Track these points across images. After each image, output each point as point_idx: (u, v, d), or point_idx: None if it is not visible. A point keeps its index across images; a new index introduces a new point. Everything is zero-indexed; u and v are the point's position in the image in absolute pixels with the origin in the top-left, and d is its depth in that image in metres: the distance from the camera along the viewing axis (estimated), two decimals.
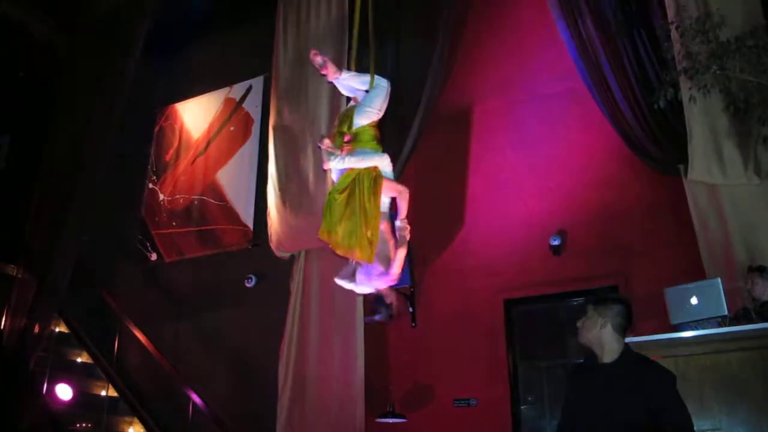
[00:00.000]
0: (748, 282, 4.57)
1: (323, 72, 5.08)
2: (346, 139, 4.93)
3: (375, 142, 4.95)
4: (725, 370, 3.94)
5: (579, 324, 3.30)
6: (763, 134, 4.77)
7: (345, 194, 4.70)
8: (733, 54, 4.73)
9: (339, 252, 4.76)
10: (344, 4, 7.45)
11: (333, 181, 5.10)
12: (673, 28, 5.24)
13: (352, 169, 4.76)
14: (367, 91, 5.09)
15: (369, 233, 4.58)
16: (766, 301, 4.37)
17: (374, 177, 4.71)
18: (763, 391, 3.80)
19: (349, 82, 5.17)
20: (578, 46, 6.19)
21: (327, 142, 4.90)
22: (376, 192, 4.67)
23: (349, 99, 5.44)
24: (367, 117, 4.95)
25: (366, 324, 6.59)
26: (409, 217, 6.71)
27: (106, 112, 7.93)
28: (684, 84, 5.07)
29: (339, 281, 4.92)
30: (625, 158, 6.08)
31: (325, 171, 6.42)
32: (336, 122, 5.11)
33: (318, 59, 5.03)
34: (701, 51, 4.88)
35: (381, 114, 5.01)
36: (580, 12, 6.20)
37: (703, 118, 5.24)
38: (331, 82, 5.37)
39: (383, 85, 5.07)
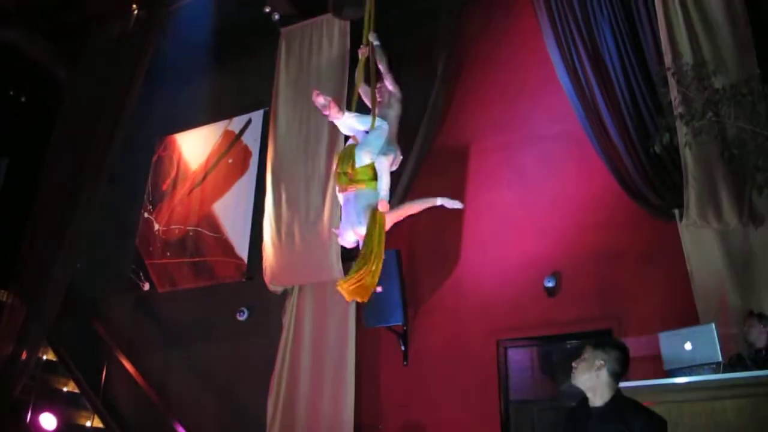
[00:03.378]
0: (745, 326, 4.56)
1: (325, 113, 5.13)
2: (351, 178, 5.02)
3: (375, 182, 5.01)
4: (719, 417, 3.91)
5: (574, 364, 3.25)
6: (758, 181, 4.80)
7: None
8: (728, 101, 4.79)
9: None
10: (345, 42, 7.53)
11: (340, 212, 5.19)
12: (669, 74, 5.31)
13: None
14: (366, 132, 5.17)
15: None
16: (761, 347, 4.35)
17: (379, 219, 4.83)
18: None
19: (350, 123, 5.23)
20: (576, 89, 6.27)
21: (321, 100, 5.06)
22: (381, 231, 4.81)
23: (347, 137, 5.50)
24: (368, 157, 5.01)
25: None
26: (404, 254, 6.78)
27: (104, 139, 7.95)
28: (680, 129, 5.13)
29: None
30: (621, 201, 6.10)
31: (323, 207, 6.57)
32: (336, 161, 5.16)
33: (320, 99, 5.06)
34: (697, 98, 4.94)
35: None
36: (578, 56, 6.30)
37: (699, 164, 5.28)
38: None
39: (384, 127, 5.16)
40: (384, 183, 4.94)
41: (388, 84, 5.55)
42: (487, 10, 7.56)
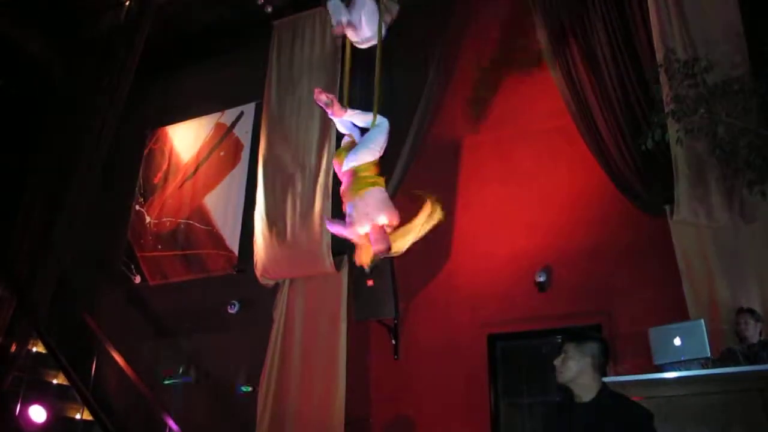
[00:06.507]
0: (738, 322, 4.58)
1: (328, 110, 5.09)
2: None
3: (376, 177, 4.98)
4: (708, 412, 3.92)
5: (557, 363, 3.21)
6: (749, 178, 4.82)
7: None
8: (720, 98, 4.80)
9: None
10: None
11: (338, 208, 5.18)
12: (661, 70, 5.32)
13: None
14: (364, 129, 5.14)
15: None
16: (754, 343, 4.38)
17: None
18: None
19: (352, 119, 5.20)
20: (568, 84, 6.28)
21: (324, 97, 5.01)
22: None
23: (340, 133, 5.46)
24: (371, 154, 4.96)
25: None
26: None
27: (96, 132, 7.91)
28: (672, 126, 5.13)
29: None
30: (612, 197, 6.12)
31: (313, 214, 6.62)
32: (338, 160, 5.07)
33: (323, 97, 5.03)
34: (689, 94, 4.95)
35: (382, 152, 5.04)
36: (570, 51, 6.31)
37: (690, 161, 5.31)
38: (324, 112, 5.39)
39: (385, 124, 5.12)
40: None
41: None
42: (480, 5, 7.55)
